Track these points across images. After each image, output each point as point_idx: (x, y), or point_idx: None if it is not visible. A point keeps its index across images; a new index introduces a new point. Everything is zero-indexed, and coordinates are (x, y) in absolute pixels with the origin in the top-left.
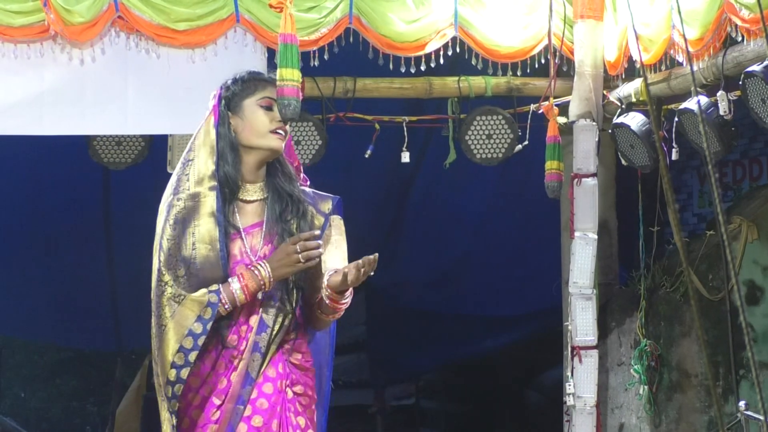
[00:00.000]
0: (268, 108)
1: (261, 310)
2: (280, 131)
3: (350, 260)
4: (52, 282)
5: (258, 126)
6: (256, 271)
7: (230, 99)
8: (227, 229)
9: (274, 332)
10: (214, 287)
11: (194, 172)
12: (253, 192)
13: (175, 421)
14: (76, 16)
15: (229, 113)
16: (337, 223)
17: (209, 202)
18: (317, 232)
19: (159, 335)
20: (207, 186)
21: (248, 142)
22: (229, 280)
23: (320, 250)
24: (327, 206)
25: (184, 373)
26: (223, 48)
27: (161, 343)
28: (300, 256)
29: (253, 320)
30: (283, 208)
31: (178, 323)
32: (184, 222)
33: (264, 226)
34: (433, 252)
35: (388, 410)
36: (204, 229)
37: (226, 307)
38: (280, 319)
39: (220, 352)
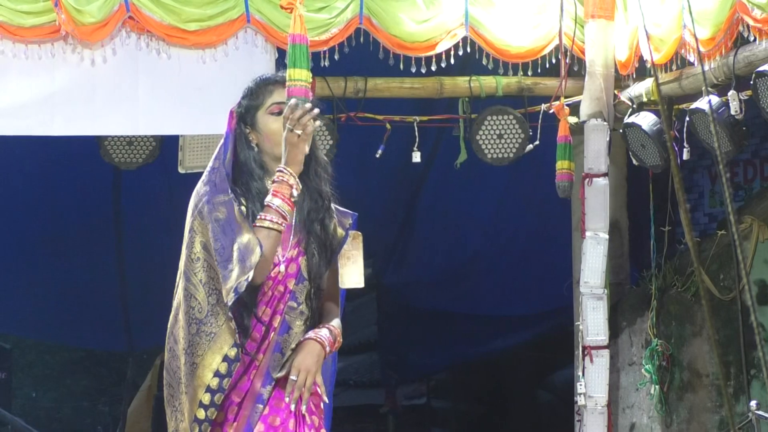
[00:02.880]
0: (279, 113)
1: (285, 311)
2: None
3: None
4: (63, 282)
5: (273, 135)
6: (278, 178)
7: (244, 115)
8: None
9: (295, 333)
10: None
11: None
12: None
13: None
14: (87, 16)
15: (246, 129)
16: (357, 239)
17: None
18: (294, 101)
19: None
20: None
21: (272, 151)
22: (266, 202)
23: (314, 112)
24: (348, 222)
25: (226, 381)
26: (234, 48)
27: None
28: (295, 132)
29: (276, 321)
30: (311, 207)
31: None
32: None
33: (292, 229)
34: (444, 252)
35: (400, 410)
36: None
37: (282, 225)
38: (299, 322)
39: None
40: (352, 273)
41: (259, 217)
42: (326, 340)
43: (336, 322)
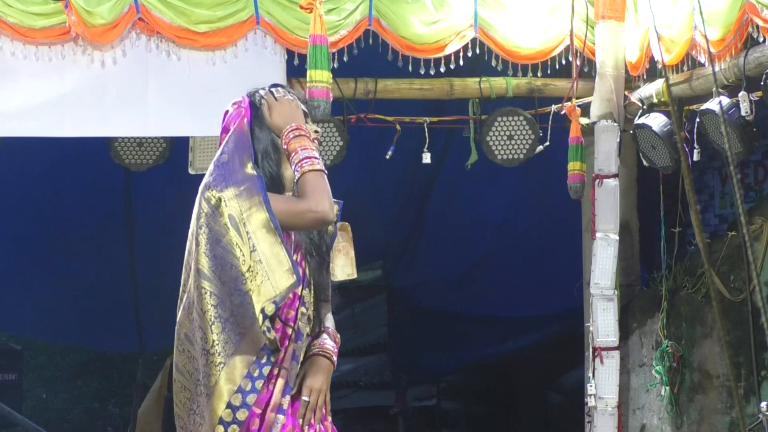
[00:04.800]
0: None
1: (298, 319)
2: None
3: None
4: (74, 284)
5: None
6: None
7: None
8: None
9: (306, 340)
10: None
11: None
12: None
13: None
14: (97, 17)
15: (260, 113)
16: (346, 230)
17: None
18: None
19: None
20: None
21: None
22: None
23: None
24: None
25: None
26: (243, 50)
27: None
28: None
29: (290, 330)
30: None
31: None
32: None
33: (292, 234)
34: (454, 253)
35: (410, 411)
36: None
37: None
38: (308, 330)
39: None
40: (344, 265)
41: (308, 160)
42: (333, 352)
43: (330, 321)
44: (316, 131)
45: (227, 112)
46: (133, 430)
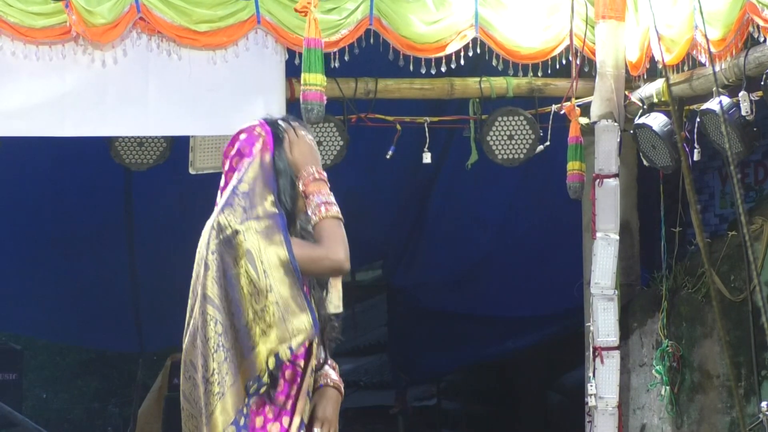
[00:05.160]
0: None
1: (309, 355)
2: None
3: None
4: (74, 283)
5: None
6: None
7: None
8: None
9: (313, 373)
10: None
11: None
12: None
13: None
14: (97, 17)
15: (281, 144)
16: None
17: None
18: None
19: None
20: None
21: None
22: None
23: None
24: None
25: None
26: (244, 49)
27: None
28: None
29: (300, 367)
30: None
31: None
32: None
33: None
34: (454, 253)
35: (410, 411)
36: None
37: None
38: (314, 363)
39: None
40: (332, 298)
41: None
42: (340, 383)
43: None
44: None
45: (238, 136)
46: (133, 430)
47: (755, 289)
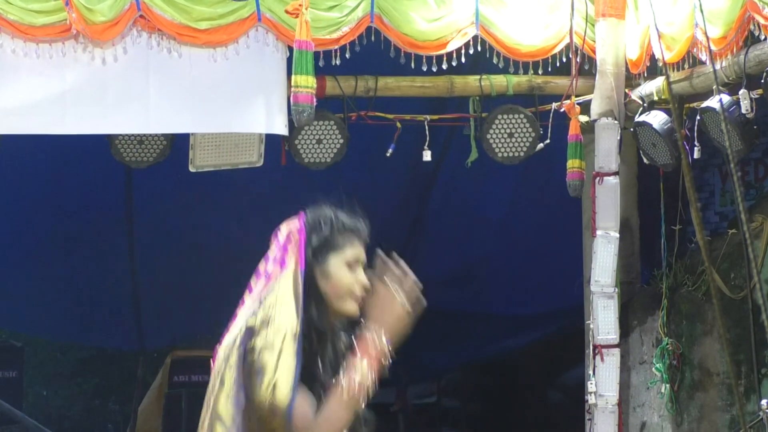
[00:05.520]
0: (354, 268)
1: None
2: (360, 294)
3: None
4: (74, 281)
5: (343, 288)
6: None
7: (317, 248)
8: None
9: None
10: None
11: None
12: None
13: None
14: (97, 15)
15: (315, 263)
16: None
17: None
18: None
19: None
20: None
21: (329, 301)
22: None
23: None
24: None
25: None
26: (245, 47)
27: None
28: (406, 309)
29: None
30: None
31: None
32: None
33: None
34: (454, 251)
35: (410, 409)
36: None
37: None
38: None
39: None
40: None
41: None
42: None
43: None
44: None
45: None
46: (133, 427)
47: (755, 286)
